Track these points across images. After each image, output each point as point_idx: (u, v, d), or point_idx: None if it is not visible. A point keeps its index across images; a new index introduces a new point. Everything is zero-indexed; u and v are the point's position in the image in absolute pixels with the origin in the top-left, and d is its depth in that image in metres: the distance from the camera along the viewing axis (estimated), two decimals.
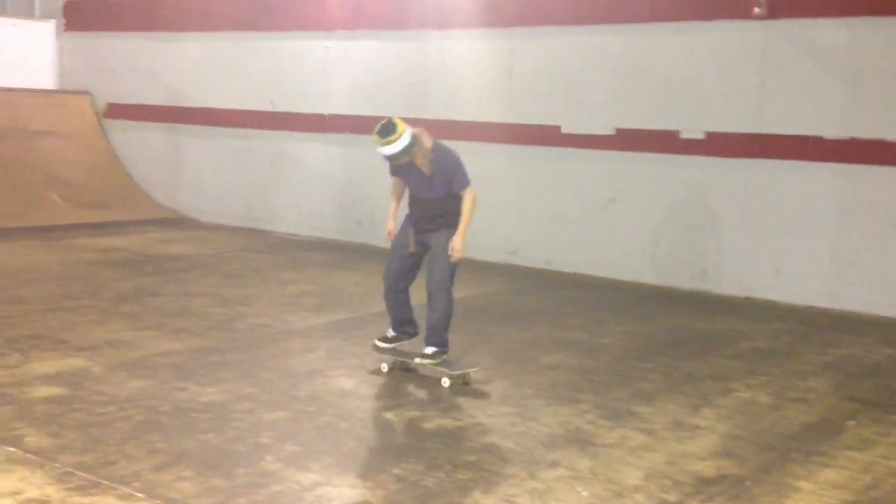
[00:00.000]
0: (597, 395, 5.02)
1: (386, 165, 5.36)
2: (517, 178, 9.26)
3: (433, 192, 5.17)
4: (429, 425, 4.40)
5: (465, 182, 5.22)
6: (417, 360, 5.14)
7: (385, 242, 5.56)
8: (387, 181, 5.55)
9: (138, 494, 3.41)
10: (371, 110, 10.02)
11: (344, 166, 10.34)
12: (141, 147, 11.79)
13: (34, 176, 10.55)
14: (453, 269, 5.16)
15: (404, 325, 5.33)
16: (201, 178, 11.40)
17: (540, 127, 9.08)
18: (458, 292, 5.30)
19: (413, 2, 9.72)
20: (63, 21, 12.17)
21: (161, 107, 11.58)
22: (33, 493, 3.36)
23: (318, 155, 10.51)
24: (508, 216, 9.28)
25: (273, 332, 6.11)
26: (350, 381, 5.05)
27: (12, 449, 3.75)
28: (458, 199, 5.19)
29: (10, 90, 11.39)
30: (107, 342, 5.55)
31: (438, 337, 5.15)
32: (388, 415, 4.56)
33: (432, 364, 5.10)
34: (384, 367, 5.25)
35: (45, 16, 12.24)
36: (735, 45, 7.99)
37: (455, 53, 9.57)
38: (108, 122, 12.03)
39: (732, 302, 7.82)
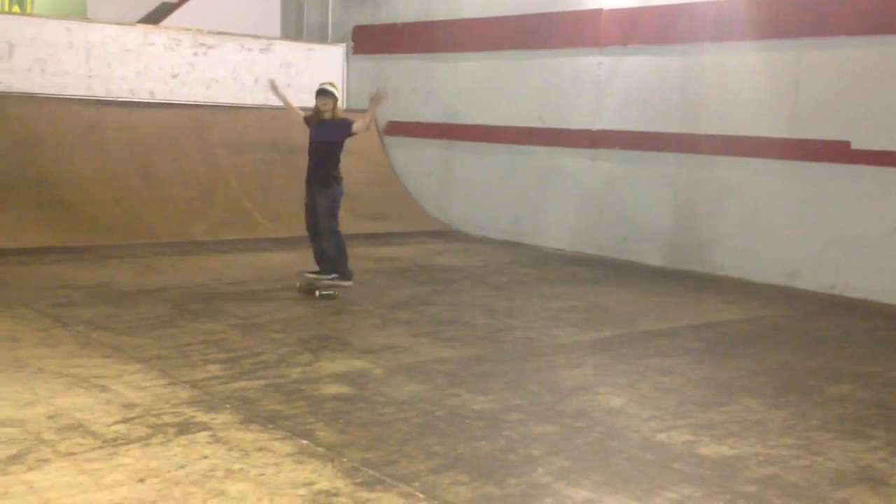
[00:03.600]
0: (890, 431, 4.58)
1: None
2: (798, 195, 8.71)
3: (326, 137, 7.35)
4: (704, 450, 4.21)
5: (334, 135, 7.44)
6: (307, 274, 7.40)
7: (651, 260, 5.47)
8: (653, 198, 5.45)
9: (419, 494, 3.55)
10: (642, 126, 9.89)
11: (610, 182, 10.25)
12: (416, 162, 12.41)
13: None
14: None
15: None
16: (471, 192, 11.79)
17: (826, 142, 8.47)
18: (732, 314, 5.07)
19: (689, 15, 9.45)
20: (352, 45, 13.09)
21: (436, 124, 12.12)
22: (324, 484, 3.60)
23: (585, 170, 10.51)
24: (787, 236, 8.75)
25: (539, 345, 6.16)
26: (619, 399, 4.97)
27: (305, 442, 4.04)
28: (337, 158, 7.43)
29: (302, 109, 12.36)
30: (386, 346, 5.86)
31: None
32: (661, 436, 4.42)
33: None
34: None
35: (337, 40, 13.22)
36: None
37: (732, 66, 9.19)
38: (388, 139, 12.78)
39: None
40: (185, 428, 4.16)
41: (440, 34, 12.00)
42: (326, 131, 7.40)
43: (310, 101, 12.98)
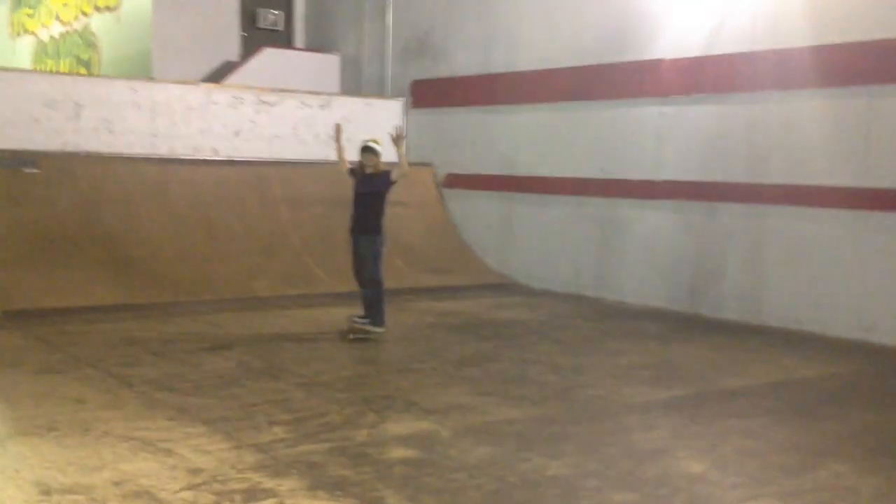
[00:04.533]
0: None
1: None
2: (872, 246, 8.40)
3: (371, 188, 7.78)
4: None
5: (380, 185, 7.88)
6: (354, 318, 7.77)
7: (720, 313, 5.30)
8: (720, 249, 5.25)
9: None
10: (706, 175, 9.70)
11: (675, 233, 10.03)
12: (476, 214, 12.35)
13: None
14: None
15: None
16: (531, 244, 11.66)
17: None
18: (810, 370, 4.83)
19: (752, 63, 9.29)
20: (410, 99, 13.16)
21: (495, 176, 12.07)
22: None
23: (648, 222, 10.31)
24: (863, 289, 8.42)
25: (610, 404, 5.95)
26: (699, 464, 4.74)
27: None
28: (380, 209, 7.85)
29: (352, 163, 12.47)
30: (452, 406, 5.72)
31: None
32: None
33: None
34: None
35: (395, 95, 13.31)
36: None
37: (798, 114, 8.97)
38: (447, 192, 12.75)
39: None
40: (251, 495, 4.05)
41: (498, 86, 12.00)
42: (371, 183, 7.84)
43: None
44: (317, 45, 14.95)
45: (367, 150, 7.90)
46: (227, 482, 4.21)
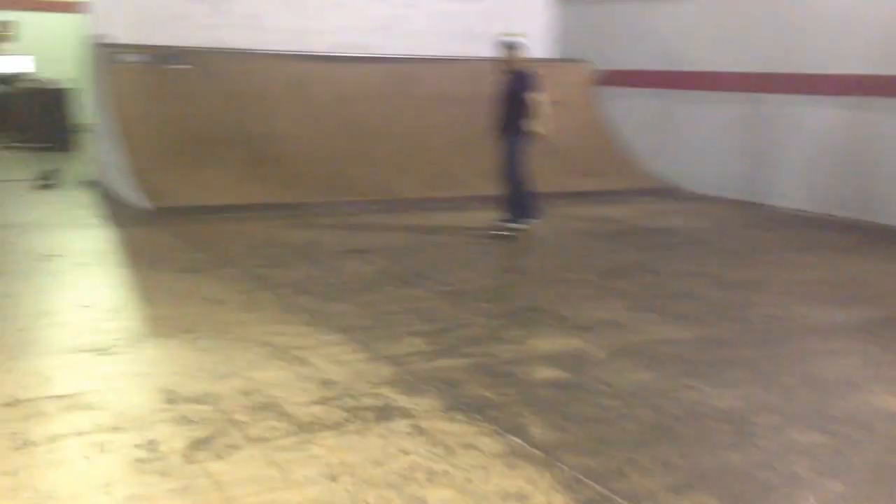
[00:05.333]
0: None
1: None
2: None
3: (508, 88, 7.48)
4: None
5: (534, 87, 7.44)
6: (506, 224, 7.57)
7: None
8: None
9: None
10: (890, 68, 8.49)
11: (862, 135, 8.91)
12: (634, 114, 11.47)
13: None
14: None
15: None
16: (695, 145, 10.74)
17: None
18: None
19: None
20: None
21: (656, 71, 11.12)
22: (541, 499, 3.02)
23: (831, 121, 9.21)
24: None
25: (790, 325, 5.26)
26: None
27: (517, 440, 3.47)
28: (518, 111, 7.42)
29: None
30: (605, 322, 5.19)
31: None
32: None
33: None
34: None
35: None
36: None
37: None
38: (601, 90, 11.90)
39: None
40: (384, 414, 3.71)
41: None
42: (511, 83, 7.52)
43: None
44: None
45: (504, 45, 7.59)
46: (359, 397, 3.89)
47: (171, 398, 3.81)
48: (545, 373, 4.29)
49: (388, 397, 3.90)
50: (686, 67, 10.74)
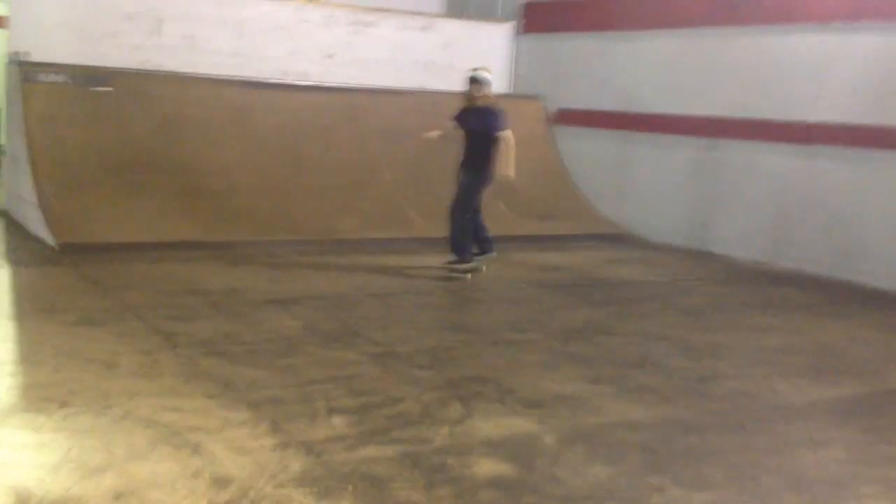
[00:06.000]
0: None
1: None
2: None
3: (480, 125, 7.12)
4: None
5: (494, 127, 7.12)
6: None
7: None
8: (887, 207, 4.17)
9: None
10: (876, 118, 8.10)
11: (829, 186, 8.49)
12: (589, 156, 10.96)
13: None
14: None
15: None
16: (652, 190, 10.26)
17: None
18: None
19: None
20: (523, 22, 11.78)
21: (613, 112, 10.65)
22: None
23: (795, 171, 8.78)
24: None
25: (761, 405, 4.69)
26: None
27: None
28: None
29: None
30: (557, 397, 4.56)
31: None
32: None
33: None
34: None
35: (505, 17, 11.95)
36: None
37: None
38: (557, 129, 11.39)
39: None
40: None
41: (621, 9, 10.51)
42: (480, 119, 7.20)
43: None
44: None
45: (475, 80, 7.25)
46: (259, 501, 3.19)
47: (23, 499, 3.07)
48: (487, 466, 3.64)
49: (296, 502, 3.21)
50: (643, 109, 10.28)
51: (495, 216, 9.84)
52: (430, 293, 6.87)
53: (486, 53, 11.78)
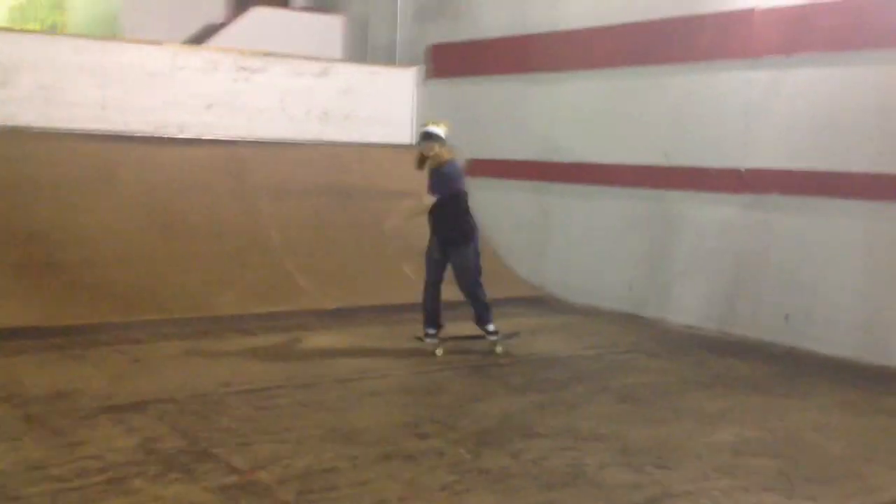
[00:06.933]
0: None
1: None
2: None
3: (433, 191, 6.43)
4: None
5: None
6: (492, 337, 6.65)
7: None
8: (832, 262, 6.22)
9: None
10: (814, 163, 7.31)
11: (767, 239, 7.61)
12: (503, 210, 9.95)
13: (387, 244, 9.03)
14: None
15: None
16: (574, 248, 9.27)
17: None
18: None
19: (887, 10, 6.85)
20: (429, 66, 10.79)
21: (529, 162, 9.70)
22: None
23: (730, 223, 7.89)
24: None
25: None
26: None
27: None
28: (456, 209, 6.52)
29: (364, 145, 10.22)
30: None
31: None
32: None
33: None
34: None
35: (408, 62, 10.96)
36: None
37: None
38: (468, 182, 10.34)
39: None
40: None
41: (535, 50, 9.60)
42: (432, 184, 6.52)
43: (371, 135, 10.89)
44: (318, 3, 12.60)
45: (425, 136, 6.51)
46: None
47: None
48: None
49: None
50: (563, 158, 9.34)
51: (399, 280, 8.75)
52: (312, 385, 5.66)
53: (390, 100, 10.80)
